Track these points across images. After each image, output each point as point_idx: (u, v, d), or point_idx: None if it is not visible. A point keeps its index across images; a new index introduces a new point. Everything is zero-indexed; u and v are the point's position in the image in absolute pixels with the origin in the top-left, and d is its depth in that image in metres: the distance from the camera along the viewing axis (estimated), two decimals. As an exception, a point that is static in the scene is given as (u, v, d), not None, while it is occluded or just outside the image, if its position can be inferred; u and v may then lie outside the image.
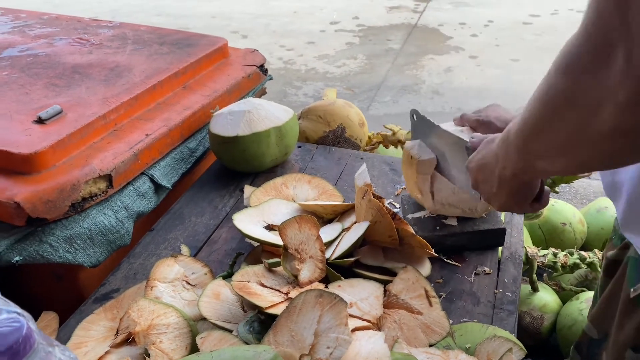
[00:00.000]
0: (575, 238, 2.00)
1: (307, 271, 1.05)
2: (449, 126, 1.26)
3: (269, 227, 1.24)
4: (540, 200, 0.89)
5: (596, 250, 1.83)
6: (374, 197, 1.15)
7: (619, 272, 0.92)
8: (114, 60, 1.68)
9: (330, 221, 1.28)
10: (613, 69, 0.51)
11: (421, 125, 1.20)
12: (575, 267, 1.81)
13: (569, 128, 0.60)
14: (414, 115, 1.20)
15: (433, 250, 1.13)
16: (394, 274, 1.07)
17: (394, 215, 1.10)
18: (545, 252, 1.82)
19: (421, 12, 5.60)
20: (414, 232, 1.12)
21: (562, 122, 0.61)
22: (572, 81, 0.57)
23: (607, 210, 2.08)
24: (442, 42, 4.80)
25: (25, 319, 0.53)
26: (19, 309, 0.54)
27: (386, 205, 1.12)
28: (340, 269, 1.09)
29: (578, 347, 1.07)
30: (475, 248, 1.22)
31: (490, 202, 0.92)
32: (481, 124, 1.16)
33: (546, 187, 0.90)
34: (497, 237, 1.23)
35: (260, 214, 1.26)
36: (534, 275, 1.81)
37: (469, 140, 0.99)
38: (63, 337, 1.04)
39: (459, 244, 1.21)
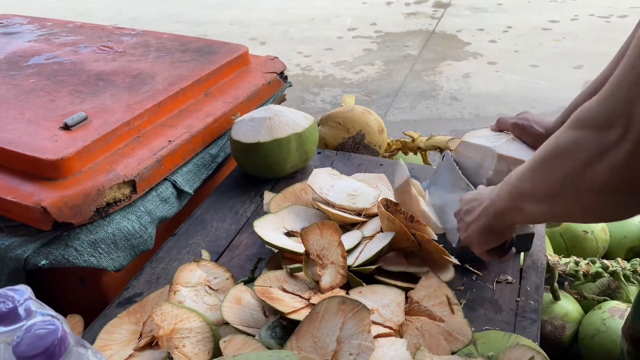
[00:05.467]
0: (597, 246, 1.97)
1: (329, 277, 1.05)
2: (485, 132, 1.28)
3: (289, 234, 1.24)
4: (503, 254, 0.98)
5: (619, 259, 1.81)
6: (390, 204, 1.15)
7: None
8: (137, 67, 1.71)
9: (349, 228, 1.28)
10: (612, 132, 0.60)
11: (445, 168, 1.22)
12: (597, 276, 1.79)
13: (562, 174, 0.67)
14: (444, 157, 1.23)
15: (454, 258, 1.13)
16: (415, 281, 1.07)
17: (412, 219, 1.11)
18: (566, 260, 1.80)
19: (439, 18, 5.59)
20: (435, 238, 1.11)
21: (556, 167, 0.68)
22: (576, 134, 0.65)
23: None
24: (460, 48, 4.78)
25: (59, 322, 0.54)
26: (53, 312, 0.55)
27: (403, 210, 1.12)
28: (362, 275, 1.09)
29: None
30: None
31: (460, 229, 0.98)
32: (520, 128, 1.17)
33: (512, 249, 0.98)
34: (526, 241, 1.24)
35: (280, 220, 1.27)
36: (555, 284, 1.79)
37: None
38: (88, 340, 1.05)
39: None
